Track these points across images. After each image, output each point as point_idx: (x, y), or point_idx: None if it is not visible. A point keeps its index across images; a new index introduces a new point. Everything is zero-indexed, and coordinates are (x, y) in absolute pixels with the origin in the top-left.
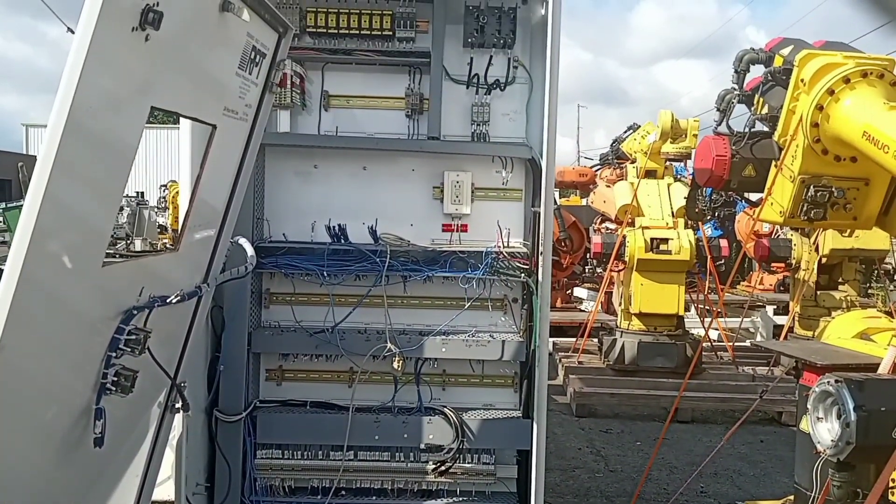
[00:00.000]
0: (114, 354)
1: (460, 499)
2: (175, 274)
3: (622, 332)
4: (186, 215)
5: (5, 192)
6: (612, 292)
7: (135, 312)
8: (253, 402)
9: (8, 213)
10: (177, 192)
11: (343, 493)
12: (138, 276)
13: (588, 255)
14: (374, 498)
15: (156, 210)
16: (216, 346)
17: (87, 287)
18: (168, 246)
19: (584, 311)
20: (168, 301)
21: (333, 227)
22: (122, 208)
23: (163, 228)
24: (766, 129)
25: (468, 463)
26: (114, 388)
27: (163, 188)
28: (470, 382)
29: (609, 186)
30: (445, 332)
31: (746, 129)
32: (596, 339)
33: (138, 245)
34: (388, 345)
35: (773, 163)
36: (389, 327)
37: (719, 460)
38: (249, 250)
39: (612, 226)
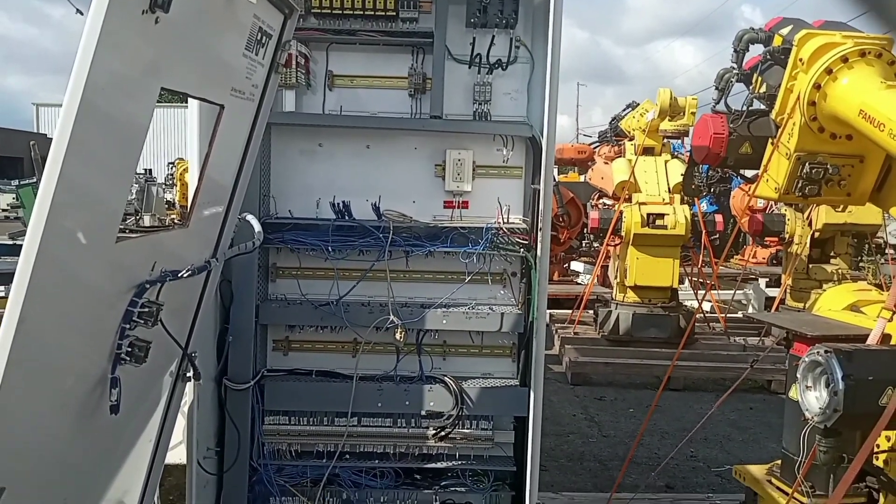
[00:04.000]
0: (128, 326)
1: (459, 462)
2: (186, 249)
3: (617, 304)
4: (196, 193)
5: (17, 170)
6: (607, 266)
7: (147, 286)
8: (261, 371)
9: (21, 189)
10: (184, 169)
11: (347, 456)
12: (151, 252)
13: (585, 229)
14: (376, 461)
15: (163, 186)
16: (225, 318)
17: (101, 262)
18: (176, 221)
19: (580, 283)
20: (179, 275)
21: (338, 203)
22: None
23: (170, 204)
24: (763, 107)
25: (467, 429)
26: (128, 359)
27: (171, 165)
28: (469, 353)
29: (607, 163)
30: (446, 304)
31: (744, 108)
32: (591, 311)
33: (147, 220)
34: (391, 317)
35: (770, 140)
36: (392, 300)
37: (710, 426)
38: (257, 226)
39: (610, 202)
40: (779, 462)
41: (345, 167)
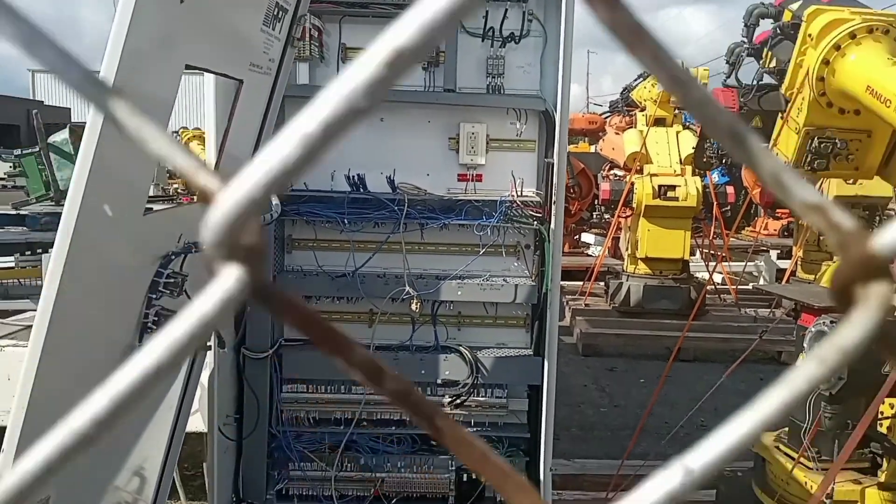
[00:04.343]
0: (154, 296)
1: (474, 429)
2: None
3: (628, 275)
4: (216, 167)
5: (14, 138)
6: (619, 237)
7: (172, 257)
8: (278, 341)
9: (24, 159)
10: (189, 138)
11: (364, 423)
12: (175, 225)
13: (596, 201)
14: (393, 428)
15: None
16: None
17: (130, 235)
18: (180, 191)
19: (591, 255)
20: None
21: (352, 176)
22: None
23: (171, 174)
24: (773, 82)
25: (482, 397)
26: (154, 328)
27: (175, 134)
28: (484, 323)
29: (618, 134)
30: (461, 276)
31: (754, 82)
32: (602, 283)
33: (151, 190)
34: (407, 288)
35: (780, 115)
36: (408, 272)
37: (719, 397)
38: (274, 199)
39: (621, 173)
40: (786, 429)
41: (359, 140)
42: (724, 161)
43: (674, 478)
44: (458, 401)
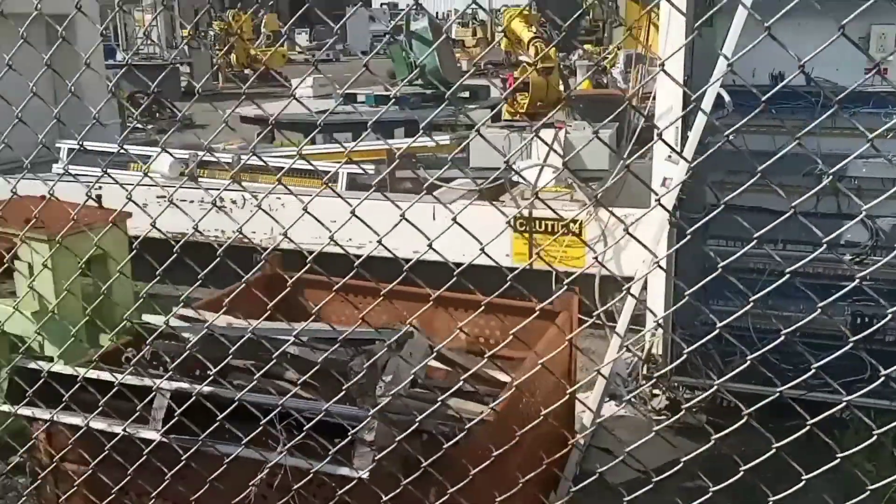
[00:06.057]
0: None
1: (870, 282)
2: None
3: None
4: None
5: None
6: None
7: None
8: (708, 204)
9: (390, 46)
10: (511, 16)
11: (776, 273)
12: None
13: None
14: (797, 279)
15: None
16: None
17: None
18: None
19: None
20: None
21: (776, 75)
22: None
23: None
24: None
25: (878, 257)
26: None
27: (497, 12)
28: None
29: None
30: (864, 155)
31: None
32: None
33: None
34: (820, 165)
35: None
36: (819, 151)
37: None
38: (726, 96)
39: None
40: None
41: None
42: None
43: None
44: (858, 259)
